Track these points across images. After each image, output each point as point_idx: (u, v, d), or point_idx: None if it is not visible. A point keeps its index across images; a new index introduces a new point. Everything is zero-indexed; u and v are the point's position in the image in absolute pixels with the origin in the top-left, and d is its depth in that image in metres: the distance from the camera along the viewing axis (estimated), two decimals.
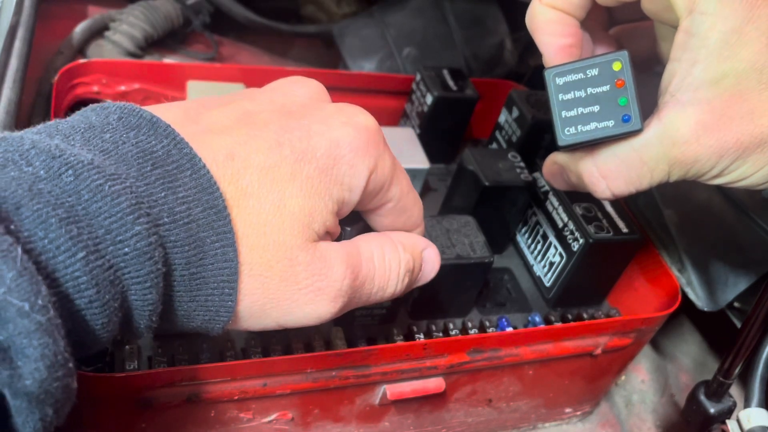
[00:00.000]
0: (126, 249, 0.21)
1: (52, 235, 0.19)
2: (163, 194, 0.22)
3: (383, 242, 0.30)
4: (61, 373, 0.19)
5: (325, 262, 0.26)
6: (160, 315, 0.23)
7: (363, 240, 0.30)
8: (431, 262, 0.33)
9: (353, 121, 0.27)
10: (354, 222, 0.31)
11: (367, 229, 0.32)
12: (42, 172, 0.20)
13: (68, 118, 0.24)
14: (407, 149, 0.53)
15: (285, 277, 0.25)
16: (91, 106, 0.25)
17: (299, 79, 0.30)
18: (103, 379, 0.33)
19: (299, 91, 0.29)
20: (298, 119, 0.27)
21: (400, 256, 0.30)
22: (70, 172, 0.20)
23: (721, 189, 0.50)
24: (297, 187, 0.25)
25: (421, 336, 0.44)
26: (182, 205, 0.23)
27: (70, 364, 0.19)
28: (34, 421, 0.18)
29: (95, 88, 0.51)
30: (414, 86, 0.56)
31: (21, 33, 0.46)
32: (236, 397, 0.36)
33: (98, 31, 0.60)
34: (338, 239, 0.29)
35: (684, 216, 0.51)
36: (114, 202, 0.21)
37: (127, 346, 0.38)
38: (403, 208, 0.31)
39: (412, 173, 0.52)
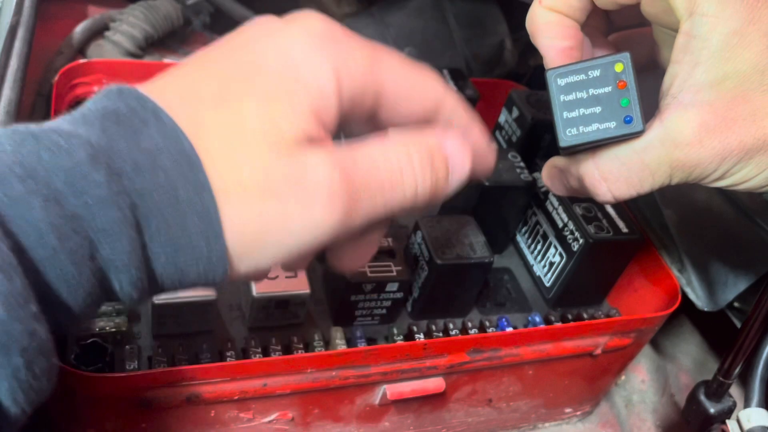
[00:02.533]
0: (87, 199, 0.21)
1: (10, 191, 0.20)
2: (125, 145, 0.22)
3: (381, 138, 0.27)
4: (22, 313, 0.19)
5: (305, 165, 0.24)
6: (148, 276, 0.23)
7: (356, 141, 0.27)
8: (459, 154, 0.28)
9: (303, 24, 0.26)
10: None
11: None
12: (8, 146, 0.21)
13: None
14: None
15: (264, 193, 0.24)
16: None
17: None
18: (103, 379, 0.33)
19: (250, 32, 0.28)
20: (245, 42, 0.27)
21: (407, 146, 0.27)
22: (30, 138, 0.21)
23: (721, 190, 0.50)
24: (254, 100, 0.24)
25: (421, 336, 0.44)
26: (145, 153, 0.23)
27: (33, 308, 0.19)
28: (8, 376, 0.18)
29: (95, 88, 0.51)
30: None
31: (21, 33, 0.46)
32: (236, 397, 0.36)
33: (98, 31, 0.60)
34: None
35: (684, 216, 0.51)
36: (71, 155, 0.21)
37: (127, 346, 0.38)
38: (405, 77, 0.28)
39: None
